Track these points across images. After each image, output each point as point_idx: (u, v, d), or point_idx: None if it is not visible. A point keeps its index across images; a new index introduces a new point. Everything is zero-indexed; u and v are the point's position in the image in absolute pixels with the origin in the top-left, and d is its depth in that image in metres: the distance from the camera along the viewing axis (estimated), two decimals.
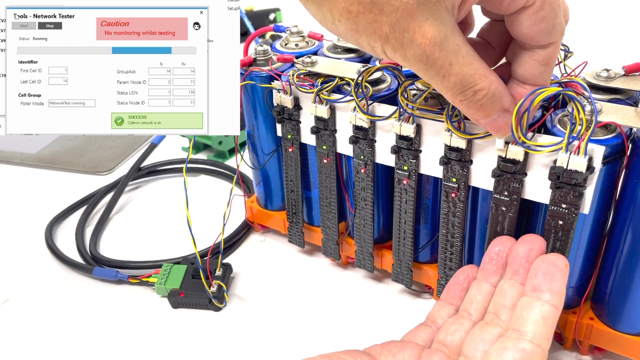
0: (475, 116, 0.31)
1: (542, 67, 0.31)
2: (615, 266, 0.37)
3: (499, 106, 0.30)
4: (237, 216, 0.56)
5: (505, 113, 0.31)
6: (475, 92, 0.29)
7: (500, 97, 0.30)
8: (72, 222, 0.59)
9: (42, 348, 0.45)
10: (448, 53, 0.28)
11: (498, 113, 0.30)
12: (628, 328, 0.38)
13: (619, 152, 0.34)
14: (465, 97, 0.29)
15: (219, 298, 0.47)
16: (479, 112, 0.30)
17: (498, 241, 0.36)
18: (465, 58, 0.28)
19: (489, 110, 0.30)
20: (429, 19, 0.27)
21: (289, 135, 0.46)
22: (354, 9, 0.27)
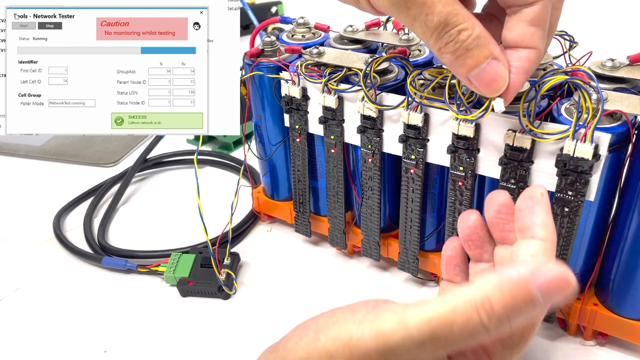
0: (464, 66, 0.29)
1: (532, 28, 0.29)
2: (619, 253, 0.38)
3: (486, 52, 0.29)
4: (244, 207, 0.56)
5: (494, 61, 0.29)
6: (459, 31, 0.28)
7: (486, 42, 0.28)
8: (79, 213, 0.59)
9: (52, 337, 0.45)
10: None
11: (487, 60, 0.29)
12: (632, 313, 0.39)
13: (624, 140, 0.34)
14: (450, 38, 0.28)
15: (228, 286, 0.47)
16: (466, 60, 0.28)
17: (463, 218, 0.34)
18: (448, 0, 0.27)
19: (476, 56, 0.28)
20: None
21: (296, 126, 0.46)
22: None
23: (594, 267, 0.40)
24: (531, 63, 0.30)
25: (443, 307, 0.23)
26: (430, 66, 0.40)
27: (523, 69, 0.30)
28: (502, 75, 0.29)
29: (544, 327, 0.43)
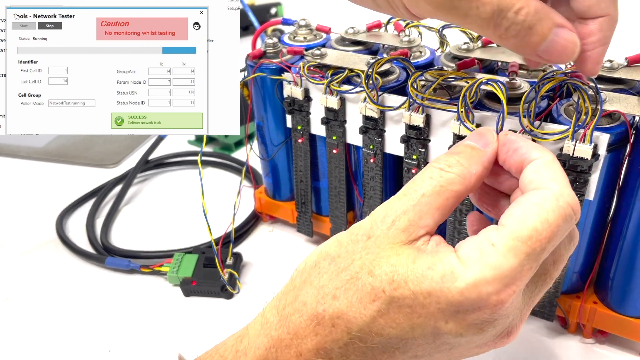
0: (530, 44, 0.27)
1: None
2: (618, 251, 0.39)
3: (549, 23, 0.26)
4: (246, 207, 0.57)
5: (560, 29, 0.27)
6: (516, 12, 0.26)
7: (546, 13, 0.26)
8: (82, 214, 0.59)
9: (56, 337, 0.45)
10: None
11: (553, 31, 0.26)
12: (631, 311, 0.40)
13: (622, 140, 0.35)
14: (509, 22, 0.26)
15: (231, 285, 0.48)
16: (532, 38, 0.26)
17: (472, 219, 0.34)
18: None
19: (540, 31, 0.26)
20: None
21: (298, 127, 0.47)
22: None
23: (594, 266, 0.41)
24: (606, 32, 0.28)
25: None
26: (432, 67, 0.41)
27: (600, 41, 0.28)
28: (572, 40, 0.27)
29: (544, 325, 0.44)
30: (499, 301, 0.25)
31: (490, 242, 0.25)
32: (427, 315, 0.25)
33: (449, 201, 0.27)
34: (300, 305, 0.27)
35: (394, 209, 0.27)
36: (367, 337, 0.26)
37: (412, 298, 0.25)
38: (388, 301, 0.25)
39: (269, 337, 0.27)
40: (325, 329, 0.26)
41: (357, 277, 0.26)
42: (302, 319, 0.26)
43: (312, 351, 0.26)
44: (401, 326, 0.25)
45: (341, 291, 0.26)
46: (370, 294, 0.25)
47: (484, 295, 0.24)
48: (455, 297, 0.25)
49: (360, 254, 0.27)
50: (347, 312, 0.26)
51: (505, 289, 0.25)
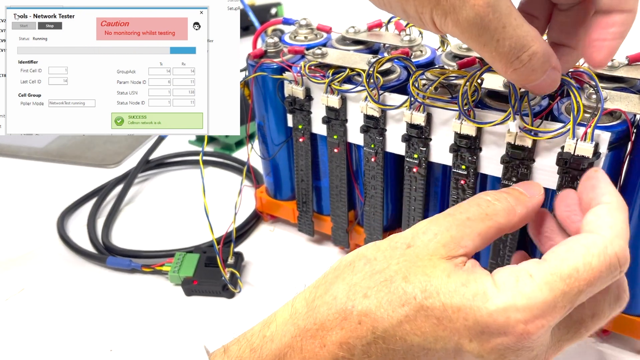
0: (526, 81, 0.29)
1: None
2: None
3: (547, 66, 0.28)
4: (246, 207, 0.57)
5: (552, 71, 0.29)
6: (530, 56, 0.28)
7: (548, 57, 0.28)
8: (83, 214, 0.60)
9: (58, 336, 0.45)
10: (502, 15, 0.26)
11: (547, 73, 0.29)
12: (632, 309, 0.40)
13: (624, 138, 0.35)
14: (521, 64, 0.28)
15: (233, 285, 0.48)
16: (530, 76, 0.28)
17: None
18: (517, 20, 0.27)
19: (539, 73, 0.28)
20: None
21: (299, 126, 0.47)
22: None
23: None
24: (626, 27, 0.29)
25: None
26: (433, 67, 0.41)
27: (619, 34, 0.29)
28: (557, 81, 0.30)
29: None
30: (526, 331, 0.25)
31: (528, 272, 0.26)
32: (452, 330, 0.25)
33: (491, 230, 0.29)
34: (330, 298, 0.27)
35: (437, 225, 0.29)
36: (390, 339, 0.26)
37: (441, 310, 0.26)
38: (417, 308, 0.26)
39: (295, 326, 0.28)
40: (352, 325, 0.26)
41: (391, 280, 0.27)
42: (330, 312, 0.27)
43: (336, 344, 0.26)
44: (425, 335, 0.26)
45: (373, 291, 0.27)
46: (401, 298, 0.26)
47: (512, 322, 0.25)
48: (484, 317, 0.25)
49: (398, 259, 0.27)
50: (375, 311, 0.26)
51: (534, 321, 0.25)
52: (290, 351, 0.27)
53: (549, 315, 0.25)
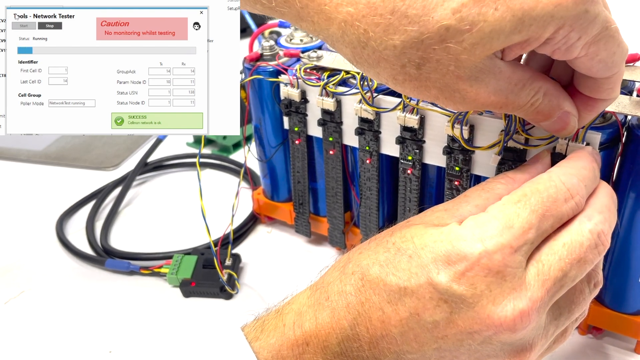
0: (534, 121, 0.30)
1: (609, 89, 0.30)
2: (612, 249, 0.39)
3: (556, 109, 0.30)
4: (244, 208, 0.57)
5: (565, 114, 0.30)
6: (532, 104, 0.29)
7: (557, 101, 0.29)
8: (81, 217, 0.60)
9: (58, 338, 0.46)
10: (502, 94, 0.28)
11: (558, 114, 0.30)
12: (624, 308, 0.40)
13: (614, 140, 0.35)
14: (524, 112, 0.29)
15: (230, 286, 0.48)
16: (537, 117, 0.30)
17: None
18: (517, 85, 0.28)
19: (547, 114, 0.30)
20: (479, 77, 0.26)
21: (295, 128, 0.47)
22: (400, 78, 0.27)
23: None
24: (603, 108, 0.31)
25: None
26: None
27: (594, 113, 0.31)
28: (571, 125, 0.31)
29: None
30: (484, 250, 0.26)
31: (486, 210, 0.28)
32: (422, 265, 0.27)
33: (490, 201, 0.30)
34: (337, 263, 0.32)
35: (438, 206, 0.31)
36: (375, 282, 0.28)
37: (412, 249, 0.28)
38: (395, 251, 0.29)
39: (311, 289, 0.31)
40: (347, 276, 0.29)
41: (381, 238, 0.30)
42: (334, 271, 0.31)
43: (336, 294, 0.29)
44: (400, 273, 0.28)
45: (365, 248, 0.30)
46: (384, 247, 0.29)
47: (469, 244, 0.27)
48: (446, 246, 0.27)
49: (393, 229, 0.31)
50: (363, 260, 0.29)
51: (489, 239, 0.26)
52: (305, 308, 0.30)
53: (506, 234, 0.26)
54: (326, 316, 0.29)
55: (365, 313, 0.28)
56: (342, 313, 0.29)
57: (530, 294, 0.26)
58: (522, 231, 0.27)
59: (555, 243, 0.28)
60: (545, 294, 0.27)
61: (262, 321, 0.32)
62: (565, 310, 0.29)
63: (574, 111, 0.30)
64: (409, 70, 0.27)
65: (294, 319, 0.30)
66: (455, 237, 0.27)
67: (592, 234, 0.28)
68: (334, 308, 0.29)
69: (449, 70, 0.26)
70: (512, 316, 0.26)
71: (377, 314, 0.28)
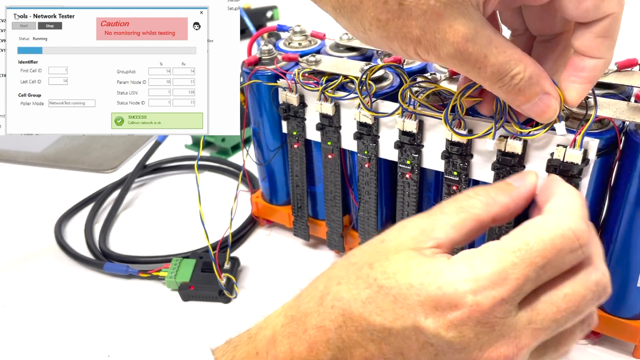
0: (516, 102, 0.30)
1: (600, 39, 0.29)
2: (609, 254, 0.39)
3: (538, 89, 0.29)
4: (243, 212, 0.57)
5: (546, 96, 0.30)
6: (512, 77, 0.29)
7: (538, 80, 0.29)
8: (80, 219, 0.60)
9: (56, 342, 0.46)
10: (481, 46, 0.28)
11: (539, 96, 0.30)
12: (623, 313, 0.40)
13: (612, 145, 0.36)
14: (503, 84, 0.29)
15: (229, 290, 0.48)
16: (518, 97, 0.30)
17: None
18: (498, 48, 0.28)
19: (528, 94, 0.29)
20: (458, 18, 0.27)
21: (294, 132, 0.47)
22: (383, 17, 0.27)
23: None
24: (597, 72, 0.30)
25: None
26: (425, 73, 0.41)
27: (589, 79, 0.30)
28: (552, 107, 0.30)
29: None
30: (476, 302, 0.25)
31: (481, 250, 0.27)
32: (408, 307, 0.26)
33: (467, 222, 0.29)
34: (312, 289, 0.30)
35: (411, 221, 0.30)
36: (357, 319, 0.27)
37: (397, 288, 0.27)
38: (377, 288, 0.27)
39: (285, 316, 0.30)
40: (326, 310, 0.28)
41: (360, 268, 0.29)
42: (311, 300, 0.29)
43: (315, 328, 0.28)
44: (385, 314, 0.27)
45: (344, 279, 0.29)
46: (365, 281, 0.28)
47: (460, 293, 0.25)
48: (434, 291, 0.26)
49: (370, 253, 0.29)
50: (345, 295, 0.28)
51: (482, 291, 0.25)
52: (279, 337, 0.29)
53: (499, 287, 0.25)
54: (304, 350, 0.28)
55: (347, 349, 0.28)
56: (321, 348, 0.28)
57: (518, 341, 0.26)
58: (517, 284, 0.25)
59: (556, 293, 0.27)
60: (533, 341, 0.26)
61: (233, 346, 0.31)
62: (550, 350, 0.28)
63: (556, 94, 0.30)
64: (392, 7, 0.27)
65: (267, 348, 0.29)
66: (445, 282, 0.26)
67: (597, 286, 0.27)
68: (312, 343, 0.28)
69: (430, 5, 0.26)
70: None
71: (360, 351, 0.27)
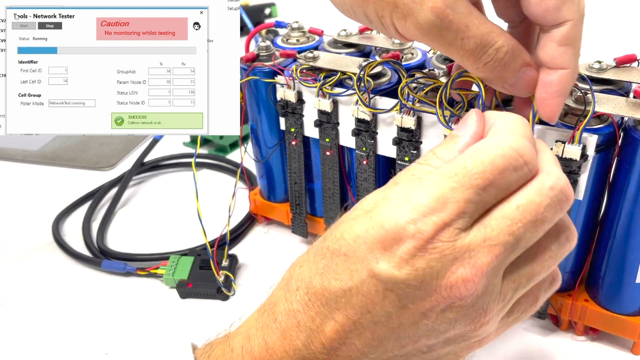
0: (502, 78, 0.29)
1: (562, 48, 0.28)
2: (608, 250, 0.39)
3: (520, 61, 0.29)
4: (241, 209, 0.57)
5: (528, 68, 0.29)
6: (497, 49, 0.28)
7: (519, 52, 0.29)
8: (77, 217, 0.60)
9: (53, 340, 0.46)
10: (462, 15, 0.27)
11: (522, 69, 0.29)
12: (621, 309, 0.40)
13: (611, 141, 0.35)
14: (489, 58, 0.28)
15: (227, 287, 0.48)
16: (505, 72, 0.29)
17: None
18: (478, 19, 0.27)
19: (513, 68, 0.29)
20: None
21: (292, 129, 0.47)
22: None
23: (585, 264, 0.41)
24: (565, 84, 0.30)
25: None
26: (423, 69, 0.41)
27: (558, 92, 0.30)
28: (534, 78, 0.30)
29: (537, 323, 0.44)
30: (418, 231, 0.25)
31: (418, 180, 0.27)
32: (359, 259, 0.26)
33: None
34: (280, 280, 0.31)
35: (368, 197, 0.29)
36: (319, 293, 0.27)
37: (346, 246, 0.27)
38: (330, 254, 0.27)
39: (258, 311, 0.31)
40: (291, 293, 0.28)
41: (317, 246, 0.29)
42: (278, 289, 0.30)
43: (284, 314, 0.28)
44: (341, 275, 0.27)
45: (305, 260, 0.29)
46: (320, 254, 0.28)
47: (401, 224, 0.25)
48: (378, 231, 0.26)
49: (326, 234, 0.29)
50: (305, 273, 0.28)
51: (422, 218, 0.25)
52: (253, 331, 0.29)
53: (439, 212, 0.25)
54: (276, 339, 0.28)
55: (318, 328, 0.27)
56: (293, 333, 0.28)
57: (474, 261, 0.25)
58: (457, 207, 0.25)
59: (507, 205, 0.25)
60: (493, 259, 0.25)
61: (210, 345, 0.31)
62: (525, 267, 0.27)
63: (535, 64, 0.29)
64: None
65: (242, 343, 0.29)
66: (385, 218, 0.25)
67: (553, 190, 0.25)
68: (284, 329, 0.28)
69: None
70: (457, 285, 0.25)
71: (330, 325, 0.27)
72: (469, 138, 0.28)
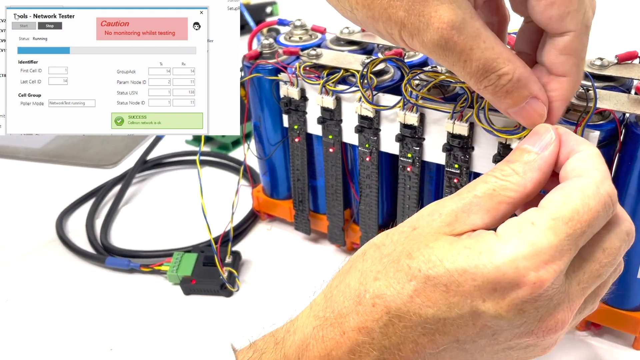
0: (502, 105, 0.29)
1: (564, 57, 0.29)
2: None
3: (526, 92, 0.29)
4: (244, 206, 0.57)
5: (534, 100, 0.29)
6: (499, 76, 0.28)
7: (526, 83, 0.29)
8: (81, 215, 0.60)
9: (58, 336, 0.46)
10: (468, 37, 0.27)
11: (526, 100, 0.29)
12: (622, 304, 0.41)
13: (612, 137, 0.36)
14: (489, 83, 0.28)
15: (231, 284, 0.48)
16: (505, 99, 0.29)
17: None
18: (486, 42, 0.27)
19: (516, 97, 0.29)
20: (445, 3, 0.26)
21: (295, 126, 0.48)
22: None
23: None
24: (565, 92, 0.30)
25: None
26: (426, 66, 0.42)
27: (559, 97, 0.30)
28: (539, 112, 0.30)
29: None
30: (538, 279, 0.24)
31: (530, 221, 0.25)
32: (463, 294, 0.25)
33: (501, 206, 0.27)
34: (344, 287, 0.28)
35: (443, 206, 0.28)
36: (405, 316, 0.26)
37: (447, 276, 0.25)
38: (424, 280, 0.26)
39: (316, 318, 0.28)
40: (366, 309, 0.27)
41: (397, 260, 0.27)
42: (346, 299, 0.28)
43: (355, 330, 0.27)
44: (438, 305, 0.25)
45: (382, 274, 0.27)
46: (407, 274, 0.26)
47: (522, 272, 0.24)
48: (492, 273, 0.25)
49: (403, 242, 0.28)
50: (386, 292, 0.26)
51: (544, 267, 0.24)
52: (312, 341, 0.27)
53: (558, 260, 0.25)
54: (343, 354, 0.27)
55: (394, 347, 0.26)
56: (364, 350, 0.26)
57: (572, 304, 0.26)
58: (570, 254, 0.25)
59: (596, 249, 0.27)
60: (582, 299, 0.27)
61: (260, 353, 0.29)
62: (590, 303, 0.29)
63: (544, 99, 0.29)
64: None
65: (298, 354, 0.28)
66: (502, 261, 0.24)
67: (628, 235, 0.27)
68: (353, 345, 0.27)
69: None
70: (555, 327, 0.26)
71: (410, 346, 0.26)
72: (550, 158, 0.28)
